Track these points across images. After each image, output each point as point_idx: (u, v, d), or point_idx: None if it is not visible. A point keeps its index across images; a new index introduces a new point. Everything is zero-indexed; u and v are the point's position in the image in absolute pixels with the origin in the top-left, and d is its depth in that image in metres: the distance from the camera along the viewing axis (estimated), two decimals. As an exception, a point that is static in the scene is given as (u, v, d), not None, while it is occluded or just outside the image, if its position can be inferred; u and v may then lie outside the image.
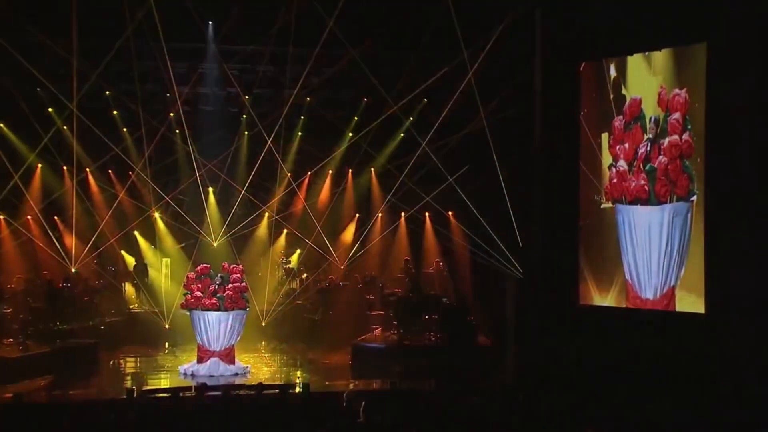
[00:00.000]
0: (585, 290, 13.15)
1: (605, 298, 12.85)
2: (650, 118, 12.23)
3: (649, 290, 12.18)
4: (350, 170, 19.05)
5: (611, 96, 12.92)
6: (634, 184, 12.39)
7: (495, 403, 9.27)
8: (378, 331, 15.95)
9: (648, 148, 12.26)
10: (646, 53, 12.37)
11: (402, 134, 17.72)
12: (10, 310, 14.85)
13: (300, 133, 18.73)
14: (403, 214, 18.40)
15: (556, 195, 13.33)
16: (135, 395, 10.83)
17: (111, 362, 15.23)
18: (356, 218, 19.41)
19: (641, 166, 12.32)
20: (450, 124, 15.38)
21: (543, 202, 13.49)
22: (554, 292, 12.94)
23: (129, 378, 14.15)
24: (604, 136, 12.99)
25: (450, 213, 17.59)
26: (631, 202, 12.48)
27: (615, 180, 12.75)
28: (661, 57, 12.18)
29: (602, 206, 13.03)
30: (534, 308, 12.92)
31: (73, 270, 16.21)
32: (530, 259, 13.54)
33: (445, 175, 15.21)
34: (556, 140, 13.32)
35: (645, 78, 12.41)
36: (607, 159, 12.93)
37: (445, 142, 15.90)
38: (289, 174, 18.29)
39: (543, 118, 13.52)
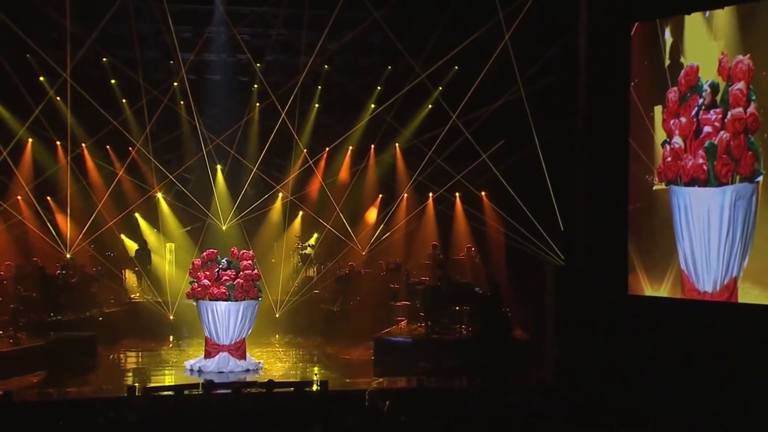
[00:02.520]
0: (634, 282, 13.04)
1: (657, 291, 12.74)
2: (706, 82, 12.04)
3: (707, 282, 12.04)
4: (372, 146, 19.03)
5: (666, 64, 12.74)
6: (691, 163, 12.23)
7: (533, 403, 9.24)
8: (403, 324, 15.97)
9: (698, 116, 12.08)
10: (706, 13, 12.17)
11: (430, 106, 17.66)
12: (0, 299, 15.01)
13: (317, 105, 18.72)
14: (431, 194, 18.39)
15: (603, 174, 13.19)
16: (136, 393, 10.92)
17: (110, 357, 15.39)
18: (379, 199, 19.42)
19: (694, 138, 12.14)
20: (483, 94, 15.26)
21: (587, 182, 13.37)
22: (599, 282, 12.84)
23: (130, 374, 14.30)
24: (657, 109, 12.82)
25: (483, 193, 17.53)
26: (688, 184, 12.32)
27: (669, 158, 12.59)
28: (722, 17, 11.97)
29: (654, 188, 12.89)
30: (576, 299, 12.82)
31: (68, 256, 16.33)
32: (573, 244, 13.44)
33: (478, 151, 15.11)
34: (602, 113, 13.18)
35: (704, 43, 12.21)
36: (660, 135, 12.77)
37: (478, 114, 15.80)
38: (305, 150, 18.29)
39: (588, 88, 13.36)
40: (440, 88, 16.83)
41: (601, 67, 13.18)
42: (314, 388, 12.06)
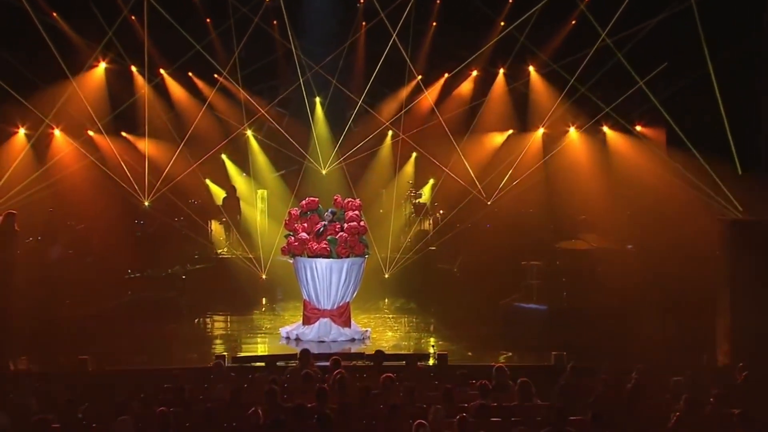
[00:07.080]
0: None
1: None
2: None
3: None
4: (501, 71, 18.75)
5: None
6: None
7: (701, 387, 9.04)
8: (537, 289, 15.82)
9: None
10: None
11: (573, 22, 17.25)
12: (72, 251, 15.52)
13: (434, 23, 18.52)
14: (573, 128, 18.01)
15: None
16: (226, 364, 11.19)
17: (195, 321, 15.83)
18: (508, 135, 19.14)
19: None
20: (641, 6, 14.84)
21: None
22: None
23: (218, 342, 14.66)
24: None
25: (638, 128, 17.08)
26: None
27: None
28: None
29: None
30: (759, 258, 12.39)
31: (146, 203, 16.74)
32: (754, 191, 12.97)
33: (633, 76, 14.74)
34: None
35: None
36: None
37: (634, 31, 15.36)
38: (419, 77, 18.17)
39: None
40: (586, -1, 16.45)
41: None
42: (431, 362, 12.12)
